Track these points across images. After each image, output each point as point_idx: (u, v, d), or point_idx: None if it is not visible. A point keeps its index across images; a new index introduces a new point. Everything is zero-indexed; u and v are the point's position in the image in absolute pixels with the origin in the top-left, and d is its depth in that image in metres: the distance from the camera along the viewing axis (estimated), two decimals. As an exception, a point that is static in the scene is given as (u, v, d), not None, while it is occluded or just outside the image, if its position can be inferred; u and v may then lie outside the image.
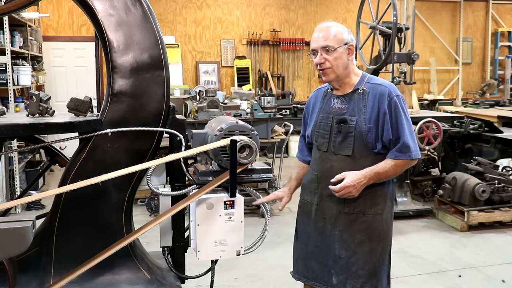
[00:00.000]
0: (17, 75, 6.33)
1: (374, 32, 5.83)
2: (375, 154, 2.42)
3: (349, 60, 2.42)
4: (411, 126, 2.43)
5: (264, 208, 2.77)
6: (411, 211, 5.65)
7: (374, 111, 2.38)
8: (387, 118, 2.36)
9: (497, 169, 5.59)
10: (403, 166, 2.40)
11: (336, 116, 2.46)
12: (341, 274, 2.47)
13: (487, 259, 4.49)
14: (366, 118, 2.38)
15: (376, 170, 2.37)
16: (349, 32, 2.44)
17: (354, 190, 2.35)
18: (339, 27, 2.43)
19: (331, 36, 2.38)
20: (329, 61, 2.40)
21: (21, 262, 2.49)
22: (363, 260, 2.44)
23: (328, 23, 2.45)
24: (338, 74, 2.43)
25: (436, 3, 11.24)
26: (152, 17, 2.59)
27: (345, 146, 2.43)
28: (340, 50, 2.38)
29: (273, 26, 10.32)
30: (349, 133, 2.41)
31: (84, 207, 2.55)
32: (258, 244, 2.73)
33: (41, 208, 5.88)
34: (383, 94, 2.39)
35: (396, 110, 2.37)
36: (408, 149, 2.36)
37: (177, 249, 2.71)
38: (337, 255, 2.48)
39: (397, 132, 2.37)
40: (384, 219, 2.49)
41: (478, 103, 9.99)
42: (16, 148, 6.03)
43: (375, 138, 2.39)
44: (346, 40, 2.40)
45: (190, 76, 10.03)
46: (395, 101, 2.38)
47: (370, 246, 2.45)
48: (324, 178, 2.50)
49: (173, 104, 2.68)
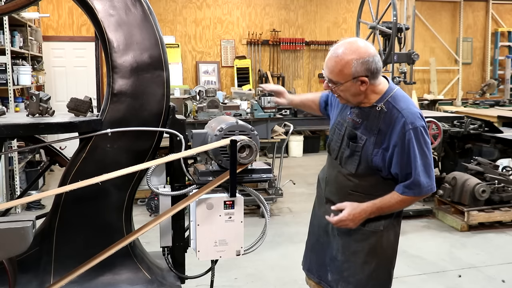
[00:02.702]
0: (17, 75, 6.33)
1: (374, 32, 5.83)
2: (381, 177, 2.28)
3: (362, 90, 2.18)
4: (428, 159, 2.17)
5: (264, 208, 2.77)
6: (411, 211, 5.65)
7: (385, 138, 2.19)
8: (397, 151, 2.15)
9: (497, 169, 5.59)
10: (411, 202, 2.25)
11: (349, 128, 2.31)
12: (335, 274, 2.47)
13: (487, 259, 4.49)
14: (375, 141, 2.20)
15: (379, 205, 2.24)
16: (364, 61, 2.10)
17: (352, 224, 2.27)
18: (351, 57, 2.11)
19: (336, 70, 2.15)
20: (337, 93, 2.25)
21: (21, 262, 2.49)
22: (355, 269, 2.39)
23: (338, 50, 2.15)
24: (349, 101, 2.27)
25: (436, 3, 11.24)
26: (152, 17, 2.59)
27: (351, 162, 2.31)
28: (347, 84, 2.15)
29: (273, 26, 10.32)
30: (356, 151, 2.27)
31: (84, 207, 2.55)
32: (258, 244, 2.73)
33: (41, 208, 5.88)
34: (398, 123, 2.15)
35: (409, 144, 2.13)
36: (418, 187, 2.16)
37: (177, 249, 2.71)
38: (334, 255, 2.48)
39: (408, 168, 2.16)
40: (385, 236, 2.38)
41: (478, 103, 9.99)
42: (16, 148, 6.02)
43: (382, 165, 2.23)
44: (356, 74, 2.12)
45: (190, 76, 10.02)
46: (410, 134, 2.13)
47: (363, 258, 2.36)
48: (330, 183, 2.48)
49: (173, 104, 2.68)
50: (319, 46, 10.39)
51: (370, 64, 2.12)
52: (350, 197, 2.33)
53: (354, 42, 2.16)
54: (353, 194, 2.34)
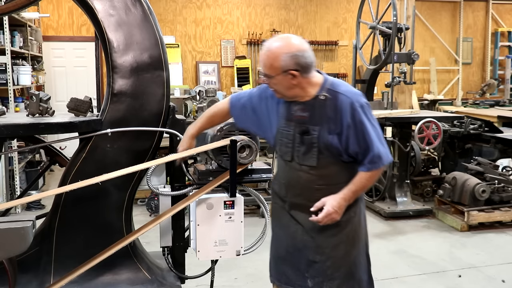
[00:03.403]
0: (17, 75, 6.32)
1: (374, 32, 5.83)
2: (343, 163, 2.33)
3: (293, 84, 2.25)
4: (378, 130, 2.30)
5: (264, 208, 2.77)
6: (411, 211, 5.65)
7: (337, 123, 2.26)
8: (351, 131, 2.25)
9: (497, 169, 5.59)
10: (378, 174, 2.33)
11: (298, 125, 2.32)
12: (316, 277, 2.42)
13: (487, 259, 4.49)
14: (329, 128, 2.27)
15: (353, 188, 2.30)
16: (293, 55, 2.20)
17: (337, 215, 2.29)
18: (279, 51, 2.20)
19: (268, 64, 2.23)
20: (271, 85, 2.31)
21: (21, 262, 2.49)
22: (338, 263, 2.40)
23: (270, 45, 2.24)
24: (284, 94, 2.31)
25: (436, 3, 11.23)
26: (152, 17, 2.59)
27: (309, 157, 2.31)
28: (279, 77, 2.23)
29: (273, 26, 10.31)
30: (313, 143, 2.29)
31: (84, 207, 2.55)
32: (258, 244, 2.73)
33: (41, 208, 5.88)
34: (346, 105, 2.25)
35: (361, 122, 2.24)
36: (379, 158, 2.26)
37: (177, 249, 2.71)
38: (311, 259, 2.42)
39: (365, 144, 2.26)
40: (357, 221, 2.44)
41: (478, 103, 9.98)
42: (16, 148, 6.02)
43: (340, 149, 2.29)
44: (286, 68, 2.20)
45: (190, 76, 10.02)
46: (359, 111, 2.24)
47: (344, 249, 2.40)
48: (291, 187, 2.42)
49: (173, 104, 2.68)
50: (319, 46, 10.38)
51: (300, 58, 2.21)
52: (318, 193, 2.32)
53: (286, 37, 2.26)
54: (320, 188, 2.33)
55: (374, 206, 5.79)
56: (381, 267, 4.20)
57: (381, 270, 4.12)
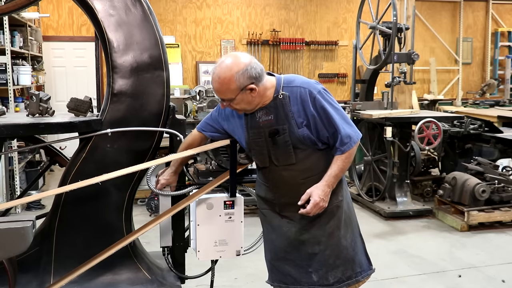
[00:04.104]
0: (17, 75, 6.32)
1: (374, 32, 5.83)
2: (319, 151, 2.39)
3: (253, 97, 2.30)
4: (341, 111, 2.37)
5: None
6: (411, 211, 5.65)
7: (301, 115, 2.33)
8: (317, 119, 2.32)
9: (497, 169, 5.59)
10: (353, 153, 2.39)
11: (267, 129, 2.37)
12: (320, 269, 2.45)
13: (487, 259, 4.49)
14: (296, 122, 2.33)
15: (334, 173, 2.35)
16: (244, 71, 2.24)
17: (324, 203, 2.34)
18: (230, 73, 2.23)
19: (223, 90, 2.27)
20: (235, 107, 2.34)
21: (21, 262, 2.49)
22: (337, 250, 2.46)
23: (218, 72, 2.26)
24: (248, 109, 2.36)
25: (436, 3, 11.23)
26: (152, 17, 2.59)
27: (287, 156, 2.37)
28: (239, 97, 2.27)
29: (273, 26, 10.31)
30: (286, 142, 2.34)
31: (84, 207, 2.55)
32: (258, 244, 2.73)
33: (41, 208, 5.88)
34: (305, 96, 2.32)
35: (322, 108, 2.31)
36: (349, 137, 2.33)
37: (177, 249, 2.71)
38: (311, 252, 2.45)
39: (332, 127, 2.33)
40: (345, 203, 2.51)
41: (478, 103, 9.98)
42: (16, 148, 6.02)
43: (314, 138, 2.35)
44: (242, 85, 2.25)
45: (190, 76, 10.02)
46: (319, 98, 2.32)
47: (339, 234, 2.46)
48: (277, 188, 2.46)
49: (173, 104, 2.68)
50: (319, 46, 10.38)
51: (251, 71, 2.26)
52: (303, 186, 2.37)
53: (225, 61, 2.28)
54: (305, 180, 2.38)
55: (374, 206, 5.79)
56: (381, 267, 4.20)
57: (381, 270, 4.11)
